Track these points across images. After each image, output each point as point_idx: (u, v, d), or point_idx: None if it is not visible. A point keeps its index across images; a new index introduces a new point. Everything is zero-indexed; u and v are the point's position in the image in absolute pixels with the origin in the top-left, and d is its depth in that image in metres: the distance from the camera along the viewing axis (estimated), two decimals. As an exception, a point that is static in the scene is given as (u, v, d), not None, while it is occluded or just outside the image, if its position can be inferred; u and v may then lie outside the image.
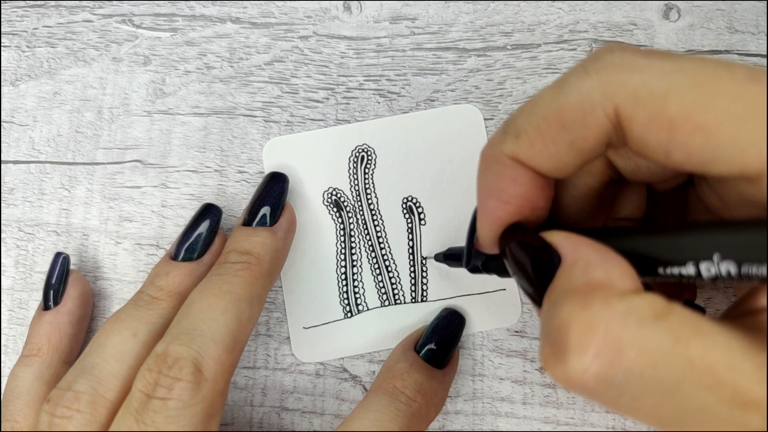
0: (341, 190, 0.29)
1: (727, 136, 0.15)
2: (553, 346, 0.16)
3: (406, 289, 0.29)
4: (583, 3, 0.30)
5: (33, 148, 0.31)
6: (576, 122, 0.17)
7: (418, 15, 0.30)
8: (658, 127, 0.16)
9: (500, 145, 0.19)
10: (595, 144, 0.17)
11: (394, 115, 0.29)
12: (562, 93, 0.17)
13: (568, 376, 0.15)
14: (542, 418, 0.27)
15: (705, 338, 0.14)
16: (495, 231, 0.20)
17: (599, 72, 0.17)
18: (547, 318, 0.16)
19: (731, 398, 0.14)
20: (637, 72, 0.16)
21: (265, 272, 0.25)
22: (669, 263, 0.17)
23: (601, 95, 0.16)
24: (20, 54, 0.31)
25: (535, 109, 0.18)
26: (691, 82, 0.15)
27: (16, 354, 0.29)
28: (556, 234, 0.18)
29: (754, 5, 0.29)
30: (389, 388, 0.24)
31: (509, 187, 0.19)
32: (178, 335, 0.21)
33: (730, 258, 0.15)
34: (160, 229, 0.30)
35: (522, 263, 0.18)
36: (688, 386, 0.14)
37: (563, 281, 0.17)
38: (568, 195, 0.22)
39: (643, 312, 0.15)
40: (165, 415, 0.20)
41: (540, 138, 0.18)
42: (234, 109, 0.30)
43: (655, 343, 0.14)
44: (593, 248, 0.17)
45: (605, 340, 0.15)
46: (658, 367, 0.14)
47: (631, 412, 0.16)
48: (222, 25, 0.31)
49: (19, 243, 0.30)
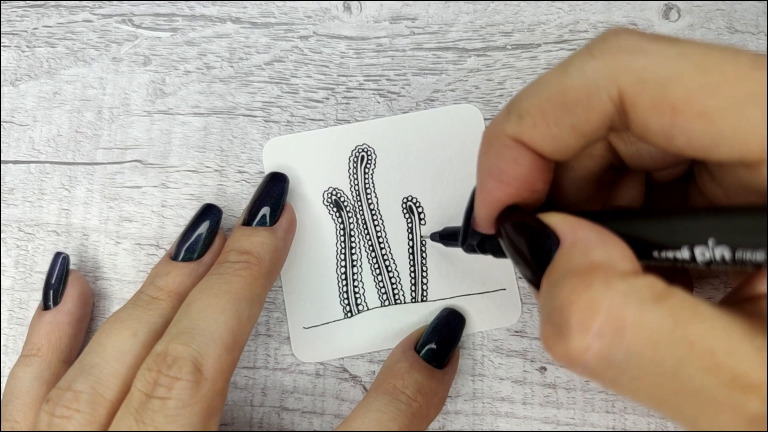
0: (341, 190, 0.29)
1: (729, 122, 0.15)
2: (554, 325, 0.16)
3: (406, 289, 0.28)
4: (583, 3, 0.30)
5: (33, 148, 0.31)
6: (580, 104, 0.17)
7: (418, 15, 0.30)
8: (660, 112, 0.16)
9: (503, 125, 0.18)
10: (598, 126, 0.17)
11: (394, 115, 0.29)
12: (567, 75, 0.17)
13: (569, 355, 0.15)
14: (542, 418, 0.27)
15: (705, 321, 0.15)
16: (492, 211, 0.20)
17: (605, 54, 0.17)
18: (547, 298, 0.17)
19: (730, 381, 0.14)
20: (642, 55, 0.16)
21: (265, 272, 0.25)
22: (664, 247, 0.17)
23: (606, 78, 0.16)
24: (20, 54, 0.31)
25: (540, 90, 0.18)
26: (695, 68, 0.15)
27: (16, 354, 0.29)
28: (554, 216, 0.18)
29: (754, 5, 0.29)
30: (389, 388, 0.24)
31: (509, 168, 0.19)
32: (178, 335, 0.21)
33: (724, 243, 0.16)
34: (160, 229, 0.30)
35: (519, 244, 0.18)
36: (688, 368, 0.14)
37: (563, 262, 0.17)
38: (567, 178, 0.22)
39: (644, 293, 0.15)
40: (164, 415, 0.20)
41: (543, 119, 0.18)
42: (234, 109, 0.30)
43: (656, 324, 0.14)
44: (592, 230, 0.17)
45: (607, 319, 0.15)
46: (658, 348, 0.14)
47: (630, 392, 0.16)
48: (222, 25, 0.31)
49: (19, 243, 0.30)
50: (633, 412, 0.27)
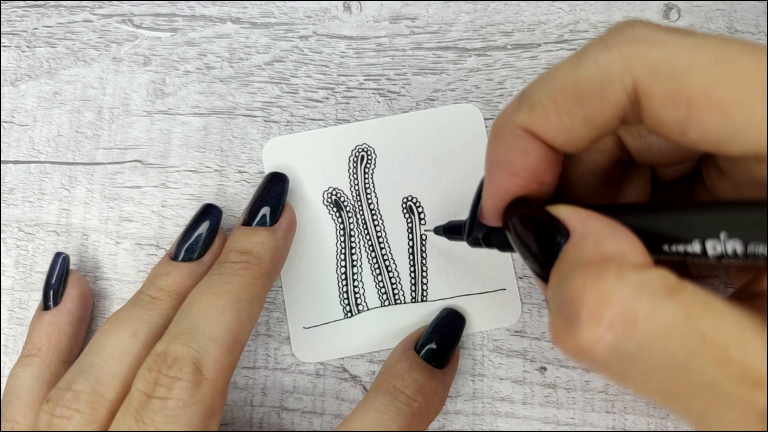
0: (341, 190, 0.29)
1: (744, 115, 0.15)
2: (564, 317, 0.16)
3: (406, 289, 0.28)
4: (583, 3, 0.30)
5: (33, 148, 0.31)
6: (593, 96, 0.17)
7: (418, 14, 0.30)
8: (675, 103, 0.16)
9: (514, 116, 0.18)
10: (611, 119, 0.17)
11: (394, 115, 0.29)
12: (581, 65, 0.17)
13: (580, 347, 0.15)
14: (542, 418, 0.27)
15: (716, 315, 0.14)
16: (500, 203, 0.19)
17: (619, 45, 0.16)
18: (557, 291, 0.16)
19: (741, 376, 0.14)
20: (658, 47, 0.16)
21: (265, 272, 0.25)
22: (675, 240, 0.17)
23: (621, 69, 0.16)
24: (20, 54, 0.31)
25: (552, 80, 0.17)
26: (711, 60, 0.15)
27: (16, 354, 0.29)
28: (562, 208, 0.18)
29: (754, 5, 0.29)
30: (389, 388, 0.24)
31: (519, 159, 0.18)
32: (178, 335, 0.21)
33: (736, 237, 0.15)
34: (160, 229, 0.30)
35: (527, 237, 0.18)
36: (699, 361, 0.14)
37: (574, 254, 0.17)
38: (575, 172, 0.22)
39: (656, 286, 0.15)
40: (165, 415, 0.20)
41: (555, 110, 0.17)
42: (234, 109, 0.30)
43: (668, 317, 0.14)
44: (603, 222, 0.17)
45: (619, 311, 0.15)
46: (670, 341, 0.14)
47: (640, 386, 0.16)
48: (222, 25, 0.31)
49: (19, 243, 0.30)
50: (633, 412, 0.27)
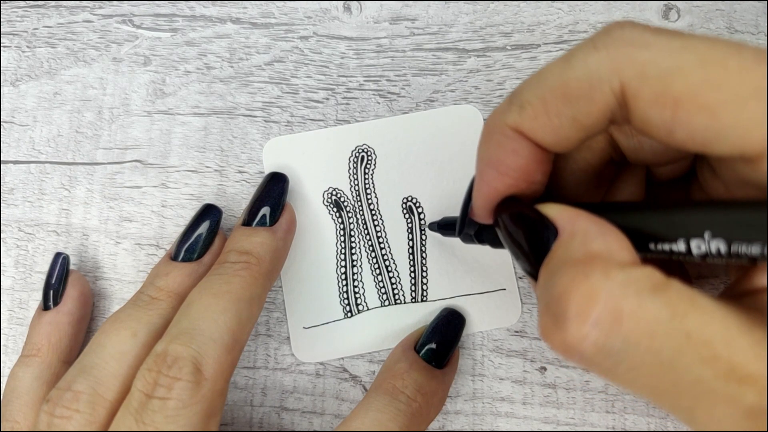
0: (341, 190, 0.29)
1: (730, 116, 0.15)
2: (552, 314, 0.16)
3: (406, 289, 0.28)
4: (583, 3, 0.30)
5: (33, 148, 0.31)
6: (582, 96, 0.17)
7: (418, 15, 0.30)
8: (662, 105, 0.16)
9: (504, 116, 0.18)
10: (599, 119, 0.17)
11: (394, 116, 0.30)
12: (570, 66, 0.17)
13: (566, 344, 0.15)
14: (542, 418, 0.27)
15: (702, 312, 0.15)
16: (490, 201, 0.20)
17: (608, 47, 0.16)
18: (545, 288, 0.17)
19: (727, 372, 0.14)
20: (645, 49, 0.16)
21: (265, 272, 0.25)
22: (660, 239, 0.17)
23: (609, 70, 0.16)
24: (20, 54, 0.31)
25: (542, 81, 0.18)
26: (698, 61, 0.15)
27: (16, 354, 0.29)
28: (551, 206, 0.18)
29: (754, 5, 0.29)
30: (389, 388, 0.24)
31: (509, 159, 0.19)
32: (178, 335, 0.21)
33: (720, 236, 0.16)
34: (160, 229, 0.30)
35: (517, 234, 0.18)
36: (685, 359, 0.14)
37: (561, 252, 0.17)
38: (567, 171, 0.22)
39: (642, 283, 0.15)
40: (164, 415, 0.20)
41: (544, 110, 0.18)
42: (234, 109, 0.30)
43: (654, 314, 0.15)
44: (591, 220, 0.17)
45: (605, 308, 0.15)
46: (655, 338, 0.14)
47: (627, 383, 0.16)
48: (222, 25, 0.31)
49: (19, 243, 0.30)
50: (633, 412, 0.27)
